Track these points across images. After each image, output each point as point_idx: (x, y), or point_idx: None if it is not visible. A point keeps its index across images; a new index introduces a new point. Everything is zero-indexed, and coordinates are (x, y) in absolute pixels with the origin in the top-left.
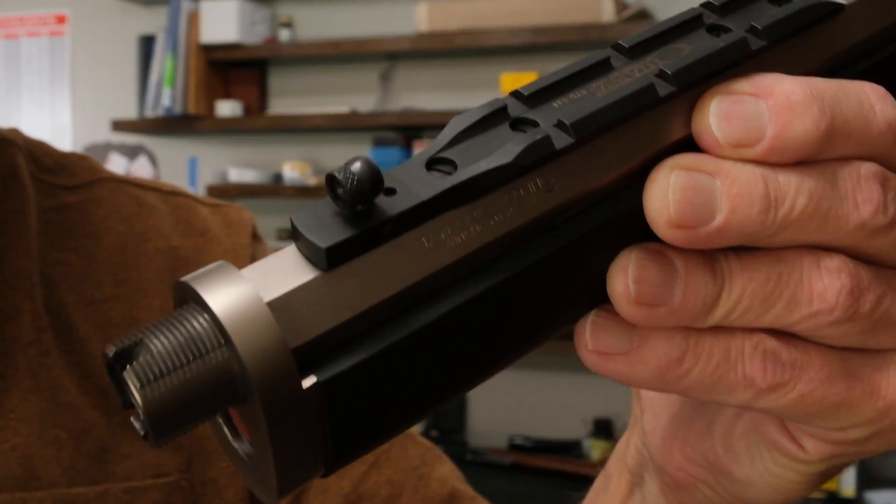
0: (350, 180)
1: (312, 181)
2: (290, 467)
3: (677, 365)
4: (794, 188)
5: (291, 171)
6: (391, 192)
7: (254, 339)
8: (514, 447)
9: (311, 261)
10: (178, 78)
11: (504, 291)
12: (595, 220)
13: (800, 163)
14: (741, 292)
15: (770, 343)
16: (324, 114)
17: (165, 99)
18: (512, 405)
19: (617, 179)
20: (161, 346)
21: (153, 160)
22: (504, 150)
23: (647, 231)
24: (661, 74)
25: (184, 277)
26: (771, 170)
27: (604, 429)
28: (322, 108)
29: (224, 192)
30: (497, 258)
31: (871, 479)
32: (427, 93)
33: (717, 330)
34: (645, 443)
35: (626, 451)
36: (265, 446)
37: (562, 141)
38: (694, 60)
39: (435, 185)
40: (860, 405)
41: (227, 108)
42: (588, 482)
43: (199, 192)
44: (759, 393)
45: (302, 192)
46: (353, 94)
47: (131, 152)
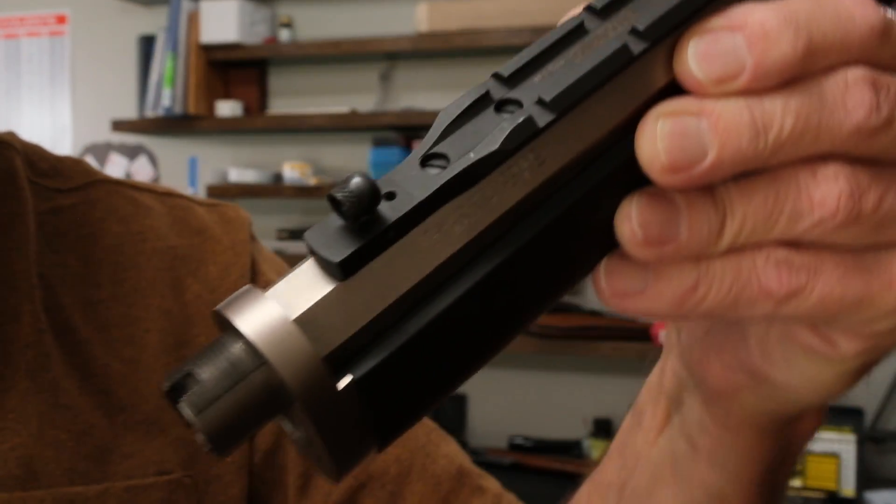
0: (350, 198)
1: (313, 181)
2: (342, 453)
3: (692, 292)
4: (781, 110)
5: (291, 171)
6: (391, 196)
7: (287, 356)
8: (514, 447)
9: (327, 273)
10: (178, 78)
11: (515, 263)
12: (593, 178)
13: (787, 84)
14: (744, 216)
15: (781, 253)
16: (324, 114)
17: (165, 99)
18: (512, 405)
19: (607, 136)
20: (207, 375)
21: (153, 160)
22: (490, 137)
23: (646, 178)
24: (634, 31)
25: (217, 307)
26: (756, 98)
27: (604, 429)
28: (322, 108)
29: (224, 192)
30: (502, 234)
31: (871, 479)
32: (427, 93)
33: (726, 252)
34: (684, 360)
35: (661, 379)
36: (317, 439)
37: (545, 117)
38: (665, 11)
39: (430, 183)
40: (881, 297)
41: (227, 108)
42: None
43: (200, 192)
44: (780, 301)
45: (302, 192)
46: (353, 94)
47: (131, 152)
